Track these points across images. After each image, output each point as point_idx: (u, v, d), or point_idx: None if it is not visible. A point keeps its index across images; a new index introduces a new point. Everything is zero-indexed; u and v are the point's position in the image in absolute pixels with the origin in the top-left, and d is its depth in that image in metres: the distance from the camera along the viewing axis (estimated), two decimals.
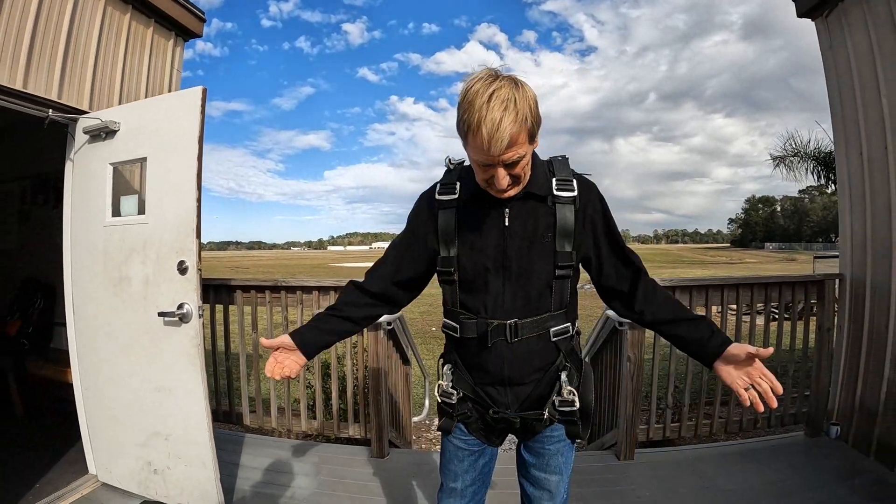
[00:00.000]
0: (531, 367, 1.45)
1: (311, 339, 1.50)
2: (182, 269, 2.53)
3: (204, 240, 2.68)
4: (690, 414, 3.47)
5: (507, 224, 1.40)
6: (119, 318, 2.76)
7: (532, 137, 1.29)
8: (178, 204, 2.55)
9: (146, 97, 3.31)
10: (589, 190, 1.45)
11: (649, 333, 3.36)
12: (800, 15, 3.64)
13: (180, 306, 2.53)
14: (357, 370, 3.50)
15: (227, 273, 39.88)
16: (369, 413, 3.36)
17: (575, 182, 1.42)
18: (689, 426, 3.37)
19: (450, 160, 1.52)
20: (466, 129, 1.23)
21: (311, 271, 42.40)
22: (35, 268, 4.13)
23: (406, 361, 4.45)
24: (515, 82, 1.23)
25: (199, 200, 2.51)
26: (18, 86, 2.58)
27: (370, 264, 1.63)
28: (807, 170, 7.40)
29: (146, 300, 2.65)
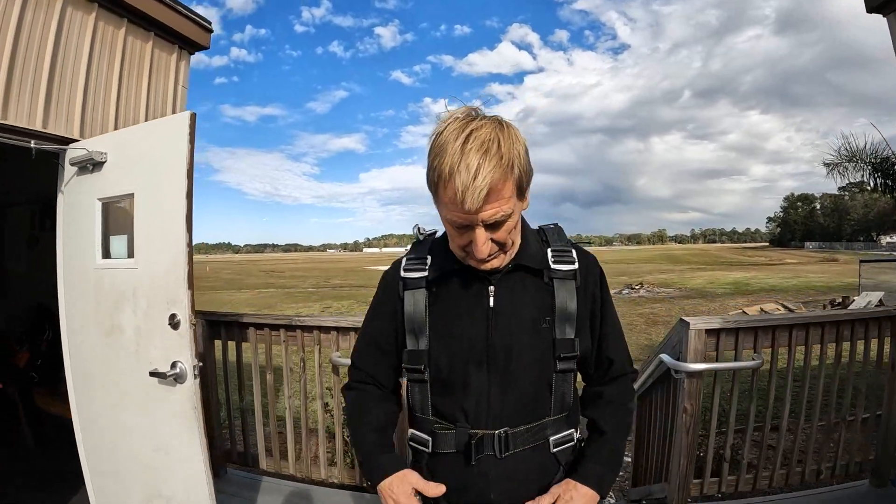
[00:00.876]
0: (524, 489, 1.16)
1: (394, 458, 1.24)
2: (174, 323, 2.23)
3: (241, 242, 2.40)
4: (749, 467, 3.01)
5: (491, 305, 1.16)
6: (113, 370, 2.50)
7: (521, 192, 1.07)
8: (166, 248, 2.25)
9: (147, 120, 3.02)
10: (589, 263, 1.24)
11: (707, 380, 2.94)
12: (869, 10, 3.30)
13: (173, 365, 2.25)
14: None
15: (262, 277, 40.64)
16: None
17: (574, 252, 1.22)
18: (748, 479, 2.92)
19: (419, 229, 1.30)
20: (437, 179, 1.01)
21: (345, 275, 42.59)
22: (44, 294, 3.90)
23: None
24: (500, 122, 1.03)
25: (189, 244, 2.20)
26: None
27: None
28: (864, 177, 6.68)
29: (138, 354, 2.37)
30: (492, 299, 1.16)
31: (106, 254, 2.50)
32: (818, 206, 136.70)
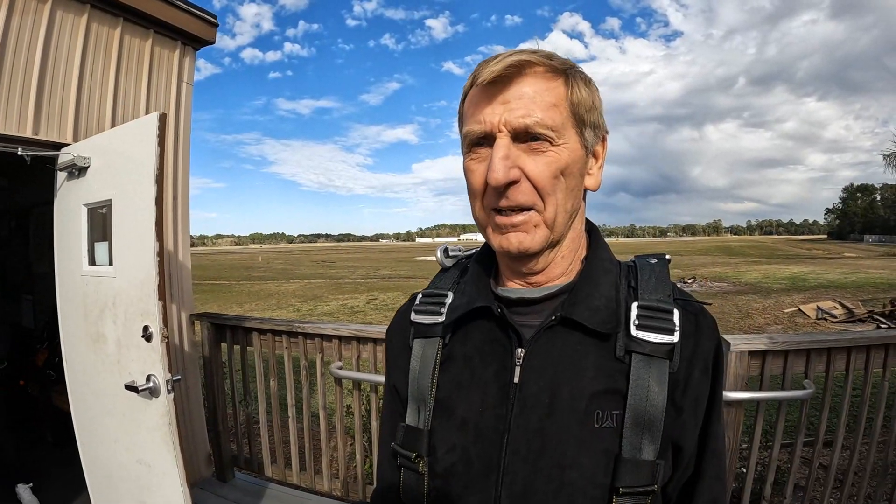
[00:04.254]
0: None
1: None
2: (146, 335, 2.14)
3: (294, 233, 2.30)
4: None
5: (516, 380, 0.74)
6: (99, 379, 2.46)
7: (580, 122, 0.72)
8: (138, 257, 2.15)
9: (119, 125, 2.97)
10: (702, 332, 0.75)
11: (749, 412, 2.57)
12: None
13: (148, 378, 2.16)
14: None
15: (313, 267, 41.53)
16: None
17: (677, 314, 0.73)
18: None
19: (447, 251, 0.94)
20: (464, 95, 0.75)
21: (395, 265, 42.84)
22: None
23: None
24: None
25: (159, 254, 2.09)
26: None
27: None
28: None
29: (119, 364, 2.31)
30: (518, 370, 0.74)
31: (92, 260, 2.45)
32: (878, 198, 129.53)
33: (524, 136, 0.68)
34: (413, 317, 0.86)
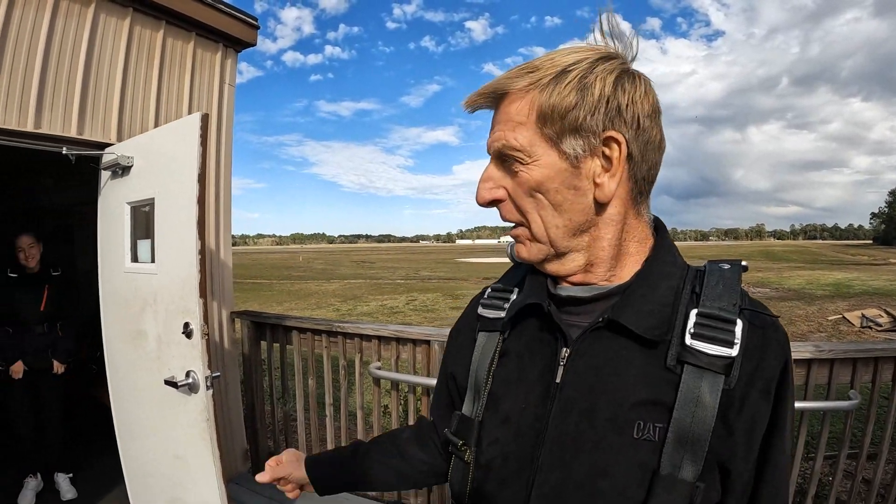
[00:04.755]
0: None
1: (329, 474, 1.04)
2: (187, 332, 2.17)
3: (334, 233, 2.30)
4: None
5: (558, 379, 0.73)
6: (138, 375, 2.51)
7: (559, 133, 0.68)
8: (181, 255, 2.19)
9: (162, 126, 3.03)
10: (766, 347, 0.68)
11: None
12: None
13: (187, 374, 2.19)
14: None
15: (353, 267, 41.75)
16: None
17: (739, 326, 0.66)
18: None
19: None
20: None
21: (434, 266, 42.79)
22: None
23: None
24: (605, 60, 0.68)
25: (201, 252, 2.11)
26: (30, 127, 2.39)
27: (500, 259, 0.99)
28: None
29: (159, 360, 2.35)
30: (561, 370, 0.73)
31: (134, 258, 2.50)
32: None
33: (503, 158, 0.71)
34: (479, 310, 0.88)
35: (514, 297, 0.85)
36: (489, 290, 0.91)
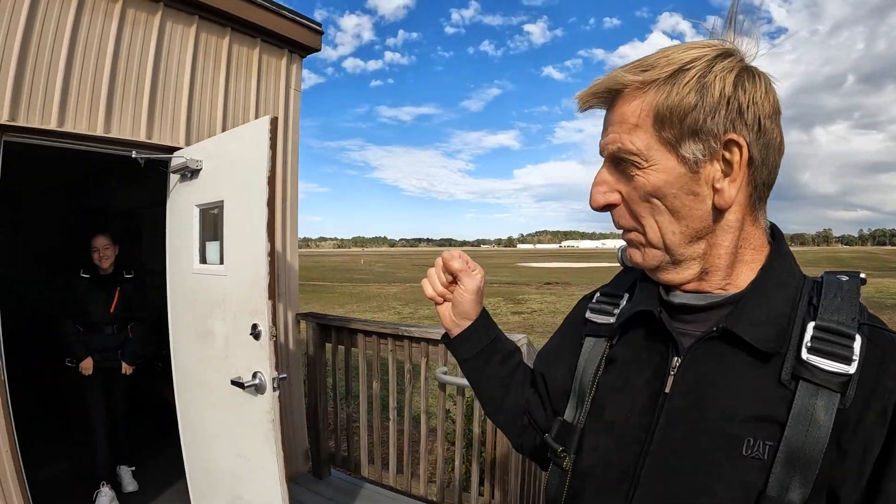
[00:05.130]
0: None
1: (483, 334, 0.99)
2: (255, 333, 2.19)
3: (396, 237, 2.30)
4: None
5: (667, 389, 0.70)
6: (205, 374, 2.55)
7: (678, 136, 0.64)
8: (249, 257, 2.21)
9: (229, 130, 3.10)
10: (884, 367, 0.62)
11: None
12: None
13: (254, 375, 2.21)
14: (486, 439, 2.97)
15: (413, 271, 41.85)
16: (495, 487, 2.84)
17: (858, 342, 0.61)
18: None
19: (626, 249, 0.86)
20: None
21: (495, 271, 42.41)
22: None
23: None
24: (723, 56, 0.65)
25: (270, 255, 2.13)
26: (100, 131, 2.47)
27: (561, 264, 0.96)
28: None
29: (226, 360, 2.38)
30: (670, 380, 0.70)
31: (203, 259, 2.55)
32: None
33: (618, 161, 0.69)
34: (588, 314, 0.86)
35: (623, 303, 0.82)
36: (598, 294, 0.89)
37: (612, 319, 0.81)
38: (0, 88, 2.23)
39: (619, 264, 0.89)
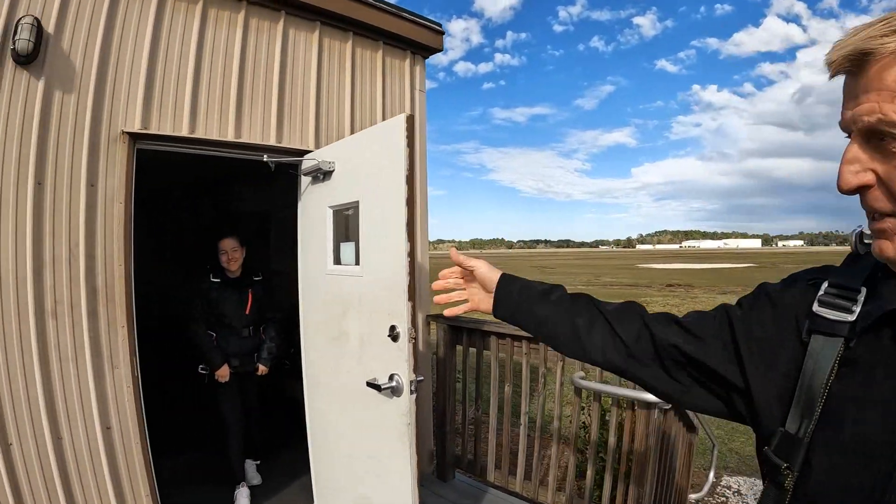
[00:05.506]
0: None
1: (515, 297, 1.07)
2: (393, 335, 2.16)
3: (514, 238, 2.24)
4: None
5: None
6: (336, 374, 2.57)
7: None
8: (388, 257, 2.18)
9: (362, 130, 3.12)
10: None
11: None
12: None
13: (391, 377, 2.18)
14: (621, 448, 2.79)
15: (533, 273, 41.69)
16: (628, 499, 2.66)
17: None
18: None
19: (861, 236, 0.74)
20: None
21: (615, 272, 41.22)
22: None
23: (691, 428, 3.54)
24: None
25: (410, 254, 2.09)
26: (230, 136, 2.57)
27: (682, 265, 0.86)
28: None
29: (360, 362, 2.38)
30: None
31: (337, 260, 2.57)
32: None
33: (875, 135, 0.60)
34: (816, 308, 0.72)
35: (861, 297, 0.69)
36: (826, 285, 0.74)
37: (849, 317, 0.68)
38: (132, 98, 2.37)
39: (792, 266, 0.74)
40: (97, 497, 2.28)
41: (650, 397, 2.43)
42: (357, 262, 2.38)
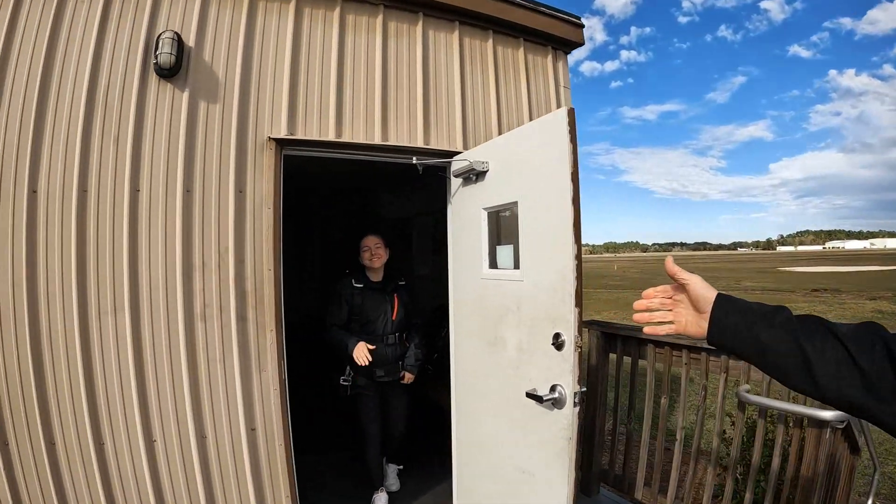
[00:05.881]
0: None
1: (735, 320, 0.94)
2: (557, 343, 2.03)
3: (648, 241, 2.10)
4: None
5: None
6: (489, 382, 2.48)
7: None
8: (551, 260, 2.06)
9: (518, 127, 3.03)
10: None
11: None
12: None
13: (552, 388, 2.05)
14: (785, 470, 2.45)
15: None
16: None
17: None
18: None
19: None
20: None
21: (756, 276, 38.33)
22: (446, 295, 4.18)
23: (855, 450, 3.04)
24: None
25: (578, 258, 1.95)
26: (377, 140, 2.61)
27: (827, 268, 0.68)
28: None
29: (518, 370, 2.27)
30: None
31: (493, 264, 2.49)
32: None
33: None
34: None
35: None
36: None
37: None
38: (276, 106, 2.45)
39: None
40: (237, 496, 2.37)
41: (825, 414, 2.09)
42: (516, 266, 2.28)
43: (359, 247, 3.15)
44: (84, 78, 2.14)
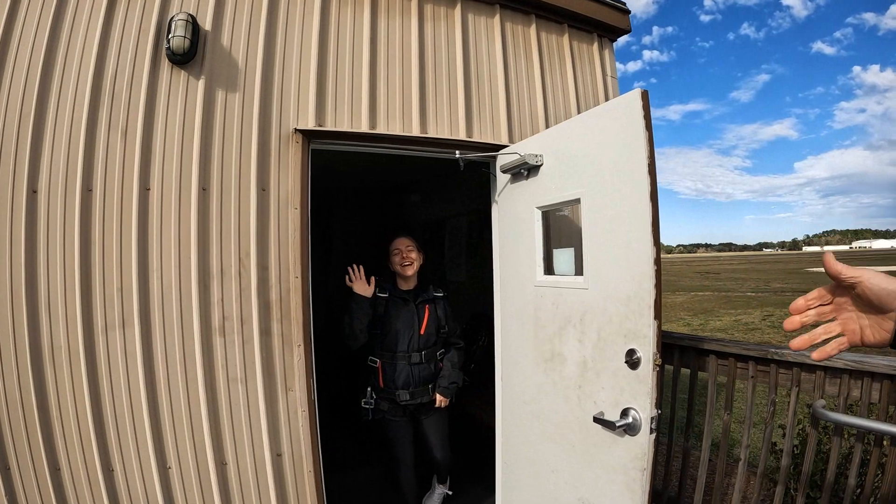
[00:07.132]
0: None
1: None
2: (631, 361, 1.74)
3: (672, 242, 1.82)
4: None
5: None
6: (546, 401, 2.20)
7: None
8: (624, 267, 1.77)
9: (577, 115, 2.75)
10: None
11: None
12: None
13: (624, 413, 1.77)
14: (862, 490, 2.15)
15: (696, 279, 39.02)
16: None
17: None
18: None
19: None
20: None
21: (785, 277, 37.49)
22: (482, 303, 3.76)
23: None
24: None
25: (657, 262, 1.67)
26: (415, 132, 2.37)
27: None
28: None
29: (581, 390, 1.98)
30: None
31: (549, 270, 2.21)
32: None
33: None
34: None
35: None
36: None
37: None
38: (303, 95, 2.20)
39: None
40: None
41: None
42: (578, 272, 2.00)
43: (388, 251, 2.80)
44: (90, 63, 1.90)
